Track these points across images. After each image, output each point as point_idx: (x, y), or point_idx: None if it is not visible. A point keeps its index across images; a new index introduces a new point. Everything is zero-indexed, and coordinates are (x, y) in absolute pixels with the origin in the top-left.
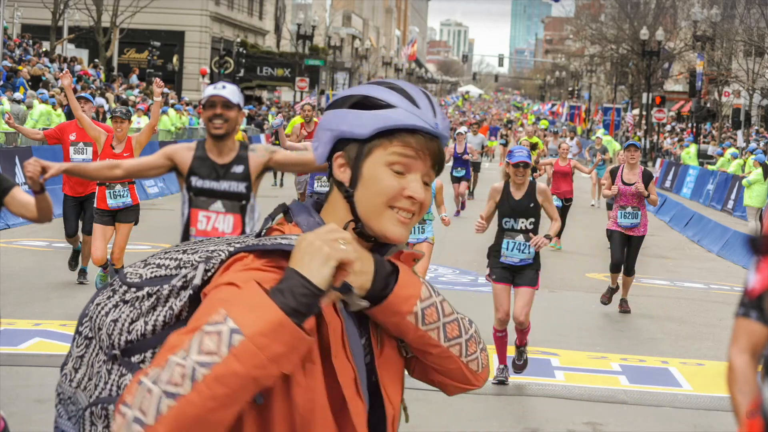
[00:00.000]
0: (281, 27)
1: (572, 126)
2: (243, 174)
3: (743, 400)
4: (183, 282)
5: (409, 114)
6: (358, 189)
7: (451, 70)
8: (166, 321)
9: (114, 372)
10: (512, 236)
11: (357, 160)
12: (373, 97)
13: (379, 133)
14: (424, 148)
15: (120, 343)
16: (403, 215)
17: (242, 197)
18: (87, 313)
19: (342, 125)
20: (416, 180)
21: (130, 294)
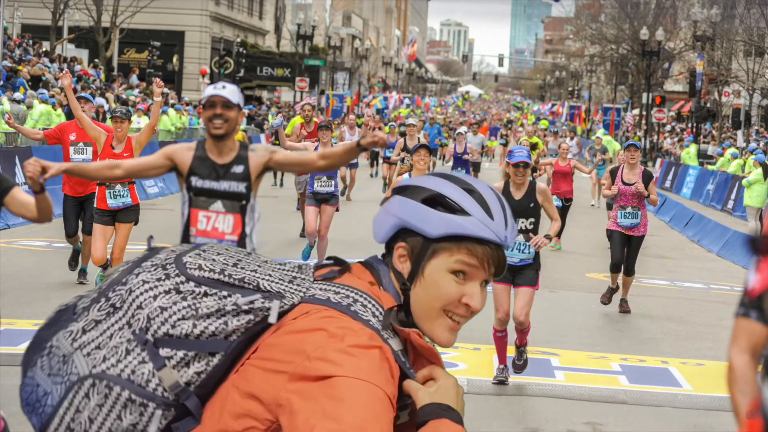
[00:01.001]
0: (281, 27)
1: (572, 126)
2: (243, 174)
3: (743, 400)
4: (249, 306)
5: (483, 226)
6: (416, 287)
7: (451, 70)
8: (215, 333)
9: (133, 354)
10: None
11: (419, 257)
12: (449, 199)
13: (448, 237)
14: (489, 258)
15: (158, 332)
16: (456, 321)
17: (242, 197)
18: (124, 282)
19: (410, 218)
20: (476, 287)
21: (186, 286)
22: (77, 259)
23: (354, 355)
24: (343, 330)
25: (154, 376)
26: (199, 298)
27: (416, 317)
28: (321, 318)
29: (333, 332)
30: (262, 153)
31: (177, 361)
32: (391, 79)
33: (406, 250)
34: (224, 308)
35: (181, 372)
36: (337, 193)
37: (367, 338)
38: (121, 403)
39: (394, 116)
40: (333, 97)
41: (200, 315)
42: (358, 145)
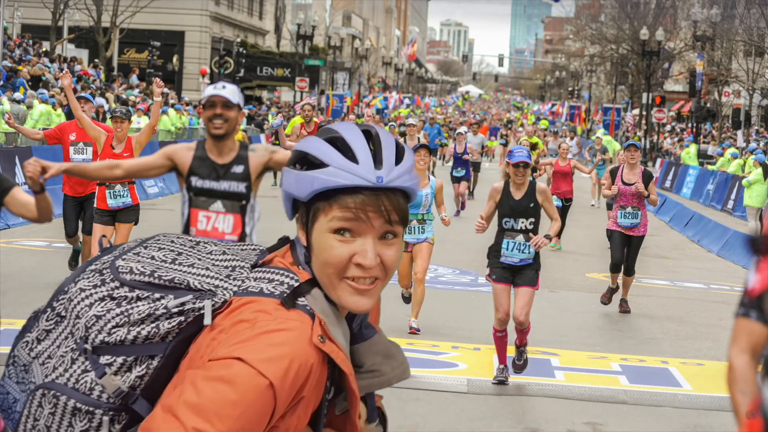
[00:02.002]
0: (281, 27)
1: (572, 126)
2: (243, 174)
3: (743, 400)
4: (179, 309)
5: (342, 172)
6: (312, 256)
7: (451, 70)
8: (149, 337)
9: (78, 363)
10: (512, 236)
11: (306, 225)
12: (310, 154)
13: (320, 196)
14: (365, 207)
15: (95, 340)
16: (359, 283)
17: (242, 197)
18: (66, 291)
19: (288, 186)
20: (366, 244)
21: (119, 291)
22: (77, 259)
23: (256, 340)
24: (255, 314)
25: (97, 384)
26: (132, 303)
27: (324, 288)
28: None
29: (247, 317)
30: (262, 153)
31: (117, 367)
32: (391, 79)
33: (299, 220)
34: (155, 312)
35: (124, 377)
36: None
37: (277, 322)
38: (69, 411)
39: (394, 116)
40: (333, 97)
41: (133, 321)
42: None
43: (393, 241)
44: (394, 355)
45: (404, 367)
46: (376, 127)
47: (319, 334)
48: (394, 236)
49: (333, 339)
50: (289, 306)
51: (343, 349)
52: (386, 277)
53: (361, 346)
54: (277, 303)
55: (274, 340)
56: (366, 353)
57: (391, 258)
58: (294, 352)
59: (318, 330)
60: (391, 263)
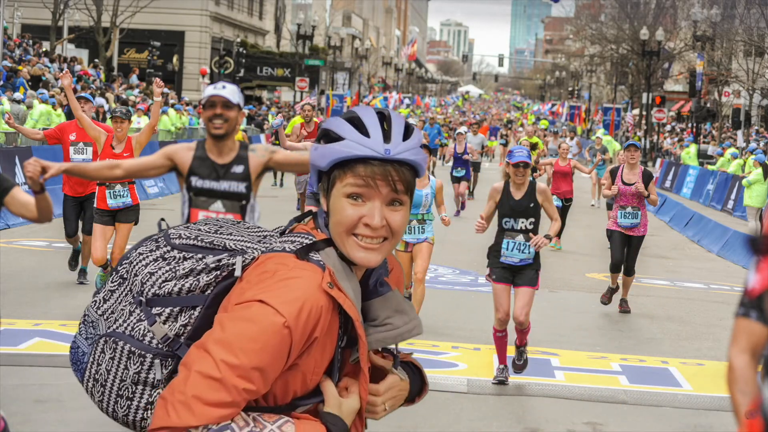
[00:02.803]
0: (281, 27)
1: (572, 126)
2: (243, 174)
3: (743, 400)
4: (216, 264)
5: (356, 144)
6: (329, 218)
7: (451, 70)
8: (191, 289)
9: (134, 315)
10: (512, 236)
11: (326, 192)
12: (330, 130)
13: (337, 165)
14: (374, 175)
15: (149, 293)
16: (366, 242)
17: (242, 197)
18: (128, 257)
19: (312, 158)
20: (375, 208)
21: (170, 254)
22: (77, 259)
23: (275, 286)
24: (276, 266)
25: (149, 331)
26: (180, 262)
27: (337, 245)
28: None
29: (269, 269)
30: (262, 153)
31: (166, 316)
32: (391, 79)
33: (321, 188)
34: (197, 268)
35: (171, 325)
36: None
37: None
38: (125, 355)
39: None
40: (333, 97)
41: (179, 275)
42: None
43: (399, 207)
44: (406, 311)
45: (416, 322)
46: (390, 110)
47: (328, 281)
48: (400, 204)
49: (341, 287)
50: (302, 257)
51: (350, 297)
52: (393, 238)
53: (375, 301)
54: (295, 257)
55: (290, 285)
56: (380, 308)
57: (397, 221)
58: (306, 296)
59: (327, 278)
60: (396, 226)
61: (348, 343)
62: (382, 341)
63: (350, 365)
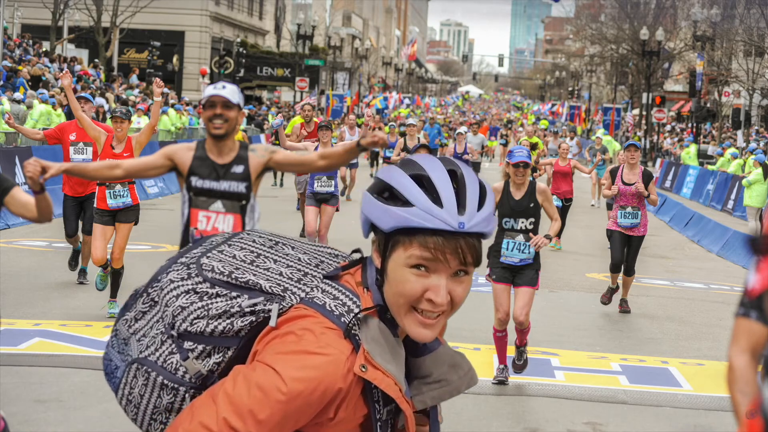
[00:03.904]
0: (281, 27)
1: (572, 126)
2: (243, 174)
3: (743, 400)
4: (251, 309)
5: (427, 215)
6: (385, 283)
7: (451, 70)
8: (224, 332)
9: (166, 345)
10: (512, 236)
11: (384, 251)
12: (395, 189)
13: (401, 230)
14: (443, 249)
15: (180, 328)
16: (426, 316)
17: (242, 197)
18: (159, 279)
19: (368, 212)
20: (441, 283)
21: (202, 287)
22: (77, 259)
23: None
24: (303, 332)
25: (181, 365)
26: (212, 299)
27: (393, 314)
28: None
29: (296, 330)
30: (262, 153)
31: (198, 352)
32: (391, 79)
33: (376, 244)
34: (230, 310)
35: (204, 362)
36: (337, 193)
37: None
38: (158, 385)
39: (394, 116)
40: (333, 97)
41: (211, 315)
42: (358, 145)
43: (464, 278)
44: (460, 364)
45: (471, 374)
46: (462, 166)
47: (362, 363)
48: (465, 274)
49: (377, 366)
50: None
51: (391, 374)
52: (452, 311)
53: (427, 358)
54: (327, 325)
55: (309, 362)
56: (432, 364)
57: (460, 295)
58: (322, 377)
59: (361, 359)
60: (459, 299)
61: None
62: (438, 398)
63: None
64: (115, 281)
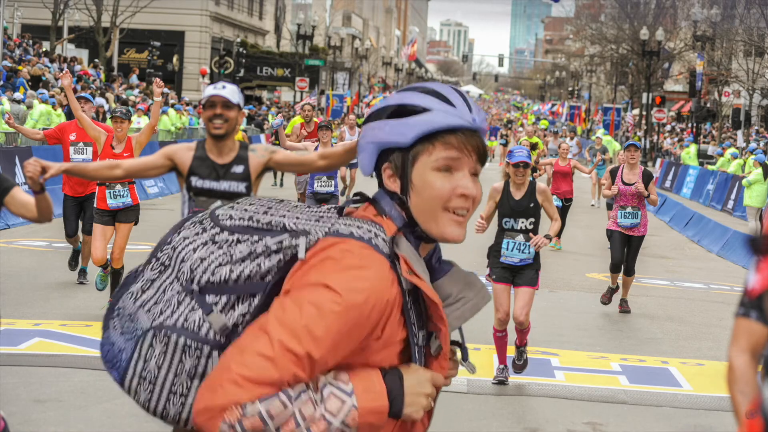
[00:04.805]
0: (281, 27)
1: (572, 126)
2: (243, 174)
3: (743, 400)
4: (278, 246)
5: (446, 114)
6: (411, 196)
7: (451, 70)
8: (250, 275)
9: (185, 304)
10: (512, 236)
11: (404, 169)
12: (408, 104)
13: (421, 139)
14: (466, 144)
15: (201, 280)
16: (458, 215)
17: (242, 197)
18: (169, 242)
19: (383, 136)
20: (465, 176)
21: (221, 236)
22: (77, 259)
23: (342, 272)
24: (342, 253)
25: (204, 321)
26: (233, 245)
27: (422, 224)
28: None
29: (334, 255)
30: (262, 153)
31: (223, 305)
32: (391, 79)
33: (392, 168)
34: (255, 251)
35: (228, 315)
36: (337, 193)
37: (361, 260)
38: (180, 348)
39: None
40: (333, 97)
41: (235, 260)
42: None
43: (476, 178)
44: (474, 282)
45: (485, 290)
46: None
47: (407, 270)
48: (475, 174)
49: (418, 274)
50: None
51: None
52: (473, 209)
53: (444, 280)
54: (362, 245)
55: (358, 274)
56: (450, 285)
57: (480, 192)
58: (372, 287)
59: (405, 267)
60: (480, 196)
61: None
62: (461, 318)
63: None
64: (115, 281)
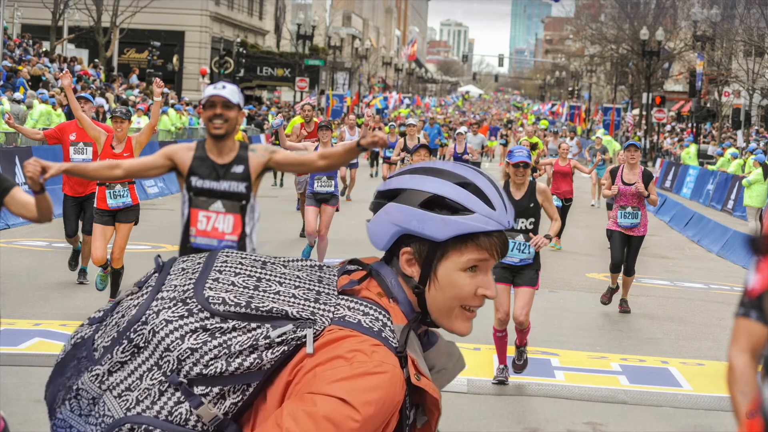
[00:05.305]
0: (281, 27)
1: (572, 126)
2: (243, 174)
3: (743, 400)
4: (282, 339)
5: (487, 219)
6: (431, 289)
7: (451, 70)
8: (251, 368)
9: (167, 395)
10: (512, 236)
11: (428, 260)
12: (448, 199)
13: (456, 238)
14: (496, 247)
15: (191, 373)
16: (472, 311)
17: (242, 197)
18: (144, 321)
19: (413, 224)
20: (488, 277)
21: (212, 322)
22: (77, 259)
23: (355, 381)
24: (353, 353)
25: (192, 414)
26: (228, 334)
27: (435, 317)
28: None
29: (343, 353)
30: (262, 153)
31: (213, 396)
32: (391, 79)
33: (413, 254)
34: (257, 343)
35: (219, 405)
36: (337, 193)
37: (374, 365)
38: None
39: (394, 116)
40: (333, 97)
41: (233, 353)
42: (358, 145)
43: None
44: (453, 352)
45: (461, 359)
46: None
47: (414, 373)
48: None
49: (424, 374)
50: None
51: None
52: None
53: (430, 352)
54: (372, 342)
55: (372, 383)
56: (435, 357)
57: (496, 293)
58: (387, 396)
59: (413, 370)
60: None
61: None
62: (440, 387)
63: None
64: (115, 281)
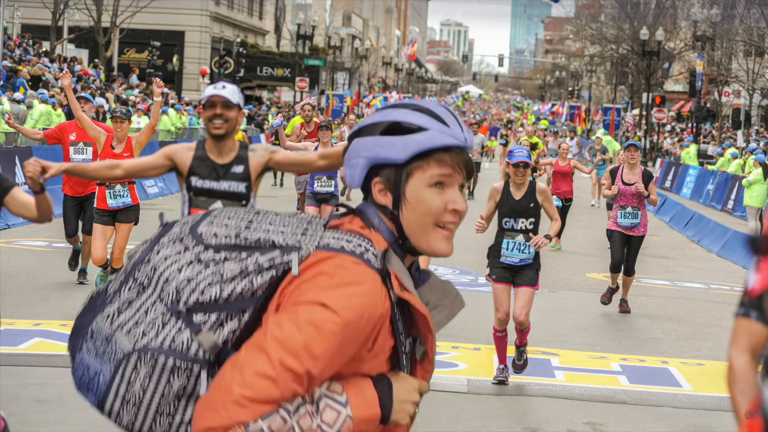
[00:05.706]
0: (281, 27)
1: (572, 126)
2: (243, 174)
3: (743, 400)
4: (270, 263)
5: (442, 134)
6: (404, 211)
7: (451, 70)
8: (242, 294)
9: (170, 325)
10: (512, 236)
11: (396, 184)
12: (404, 122)
13: (415, 156)
14: (458, 162)
15: (189, 301)
16: (448, 230)
17: (242, 197)
18: (147, 260)
19: (376, 153)
20: (456, 192)
21: (206, 255)
22: (77, 259)
23: (336, 290)
24: (335, 269)
25: (193, 341)
26: (221, 264)
27: (412, 238)
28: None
29: (326, 270)
30: (262, 153)
31: (212, 323)
32: (391, 79)
33: (383, 182)
34: (247, 269)
35: (217, 333)
36: (337, 193)
37: (354, 276)
38: (168, 370)
39: None
40: (333, 97)
41: (226, 279)
42: None
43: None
44: (450, 290)
45: (459, 297)
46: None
47: (398, 285)
48: (461, 188)
49: (408, 289)
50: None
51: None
52: (459, 223)
53: (423, 289)
54: (354, 260)
55: (352, 291)
56: (428, 293)
57: (466, 207)
58: (366, 303)
59: (396, 283)
60: (466, 211)
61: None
62: (438, 324)
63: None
64: None
